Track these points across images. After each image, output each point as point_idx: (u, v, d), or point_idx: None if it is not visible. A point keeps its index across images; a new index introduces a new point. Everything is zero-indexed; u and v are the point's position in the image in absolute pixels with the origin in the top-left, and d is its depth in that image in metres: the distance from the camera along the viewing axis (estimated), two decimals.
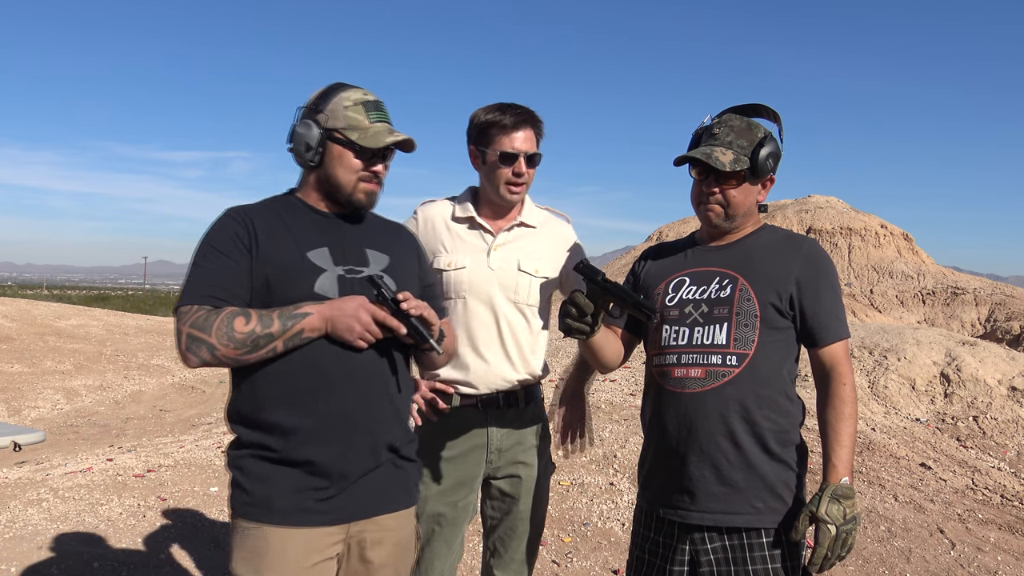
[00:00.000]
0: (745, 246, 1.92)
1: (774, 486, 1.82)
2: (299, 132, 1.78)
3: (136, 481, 4.79)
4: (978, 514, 4.77)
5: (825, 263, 1.89)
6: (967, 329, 16.20)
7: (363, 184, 1.81)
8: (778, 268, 1.86)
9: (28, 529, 3.95)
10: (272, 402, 1.70)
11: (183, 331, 1.65)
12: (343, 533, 1.75)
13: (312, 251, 1.76)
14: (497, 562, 2.32)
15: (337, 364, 1.72)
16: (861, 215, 20.55)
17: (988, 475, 5.57)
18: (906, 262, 19.31)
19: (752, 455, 1.81)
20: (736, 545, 1.81)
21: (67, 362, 11.67)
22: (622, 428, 5.69)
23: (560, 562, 3.90)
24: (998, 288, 17.85)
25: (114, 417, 9.29)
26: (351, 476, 1.74)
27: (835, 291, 1.89)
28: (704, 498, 1.82)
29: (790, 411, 1.87)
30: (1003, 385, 7.20)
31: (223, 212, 1.80)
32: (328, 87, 1.82)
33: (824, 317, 1.85)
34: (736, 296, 1.84)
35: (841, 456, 1.77)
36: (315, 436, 1.71)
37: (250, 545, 1.69)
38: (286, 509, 1.69)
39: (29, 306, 16.03)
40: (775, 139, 1.89)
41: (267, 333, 1.64)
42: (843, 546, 1.73)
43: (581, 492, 4.70)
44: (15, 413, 9.35)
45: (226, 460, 1.78)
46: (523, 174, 2.17)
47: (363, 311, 1.70)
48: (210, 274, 1.70)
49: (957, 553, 4.16)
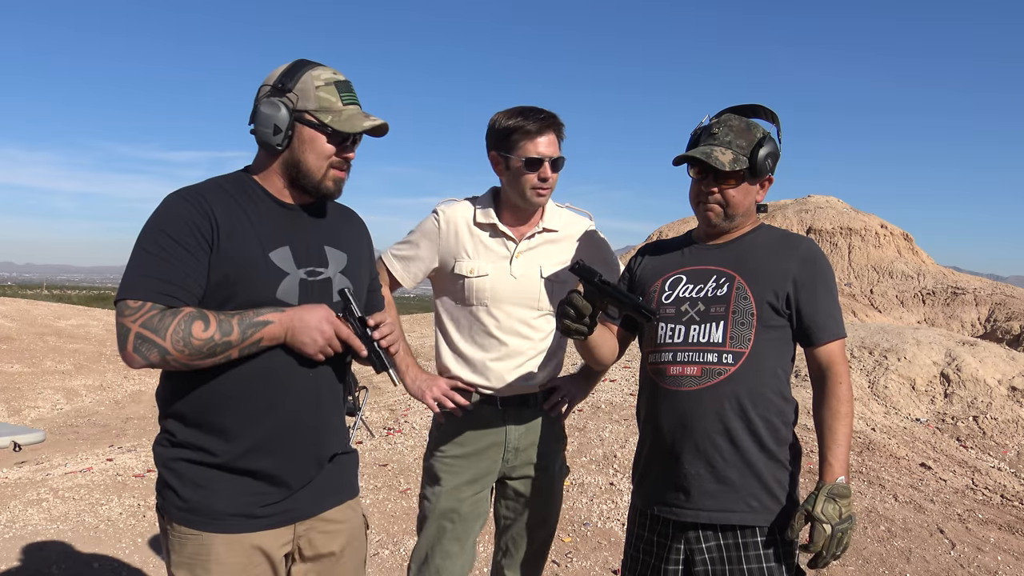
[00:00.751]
0: (743, 245, 1.93)
1: (769, 484, 1.83)
2: (265, 112, 1.61)
3: (136, 481, 4.79)
4: (978, 514, 4.77)
5: (822, 263, 1.90)
6: (967, 329, 16.19)
7: (333, 171, 1.68)
8: (775, 267, 1.87)
9: (28, 529, 3.95)
10: (219, 406, 1.60)
11: (131, 329, 1.49)
12: (290, 534, 1.69)
13: (274, 251, 1.64)
14: (508, 562, 2.33)
15: (291, 373, 1.63)
16: (861, 215, 20.54)
17: (988, 475, 5.57)
18: (906, 262, 19.31)
19: (748, 453, 1.82)
20: (731, 544, 1.82)
21: (67, 362, 11.66)
22: (622, 428, 5.69)
23: (560, 562, 3.90)
24: (998, 288, 17.85)
25: (114, 417, 9.28)
26: (294, 486, 1.67)
27: (832, 291, 1.90)
28: (699, 496, 1.83)
29: (785, 410, 1.88)
30: (1003, 385, 7.20)
31: (174, 192, 1.62)
32: (293, 63, 1.66)
33: (821, 317, 1.86)
34: (733, 294, 1.85)
35: (837, 455, 1.78)
36: (262, 445, 1.62)
37: (190, 552, 1.60)
38: (227, 516, 1.60)
39: (29, 306, 16.02)
40: (774, 139, 1.90)
41: (225, 341, 1.53)
42: (839, 545, 1.73)
43: (581, 492, 4.70)
44: (15, 413, 9.35)
45: (155, 457, 1.66)
46: (548, 179, 2.15)
47: (326, 324, 1.61)
48: (163, 266, 1.53)
49: (957, 553, 4.16)
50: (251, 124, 1.66)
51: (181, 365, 1.54)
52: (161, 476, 1.65)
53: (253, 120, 1.66)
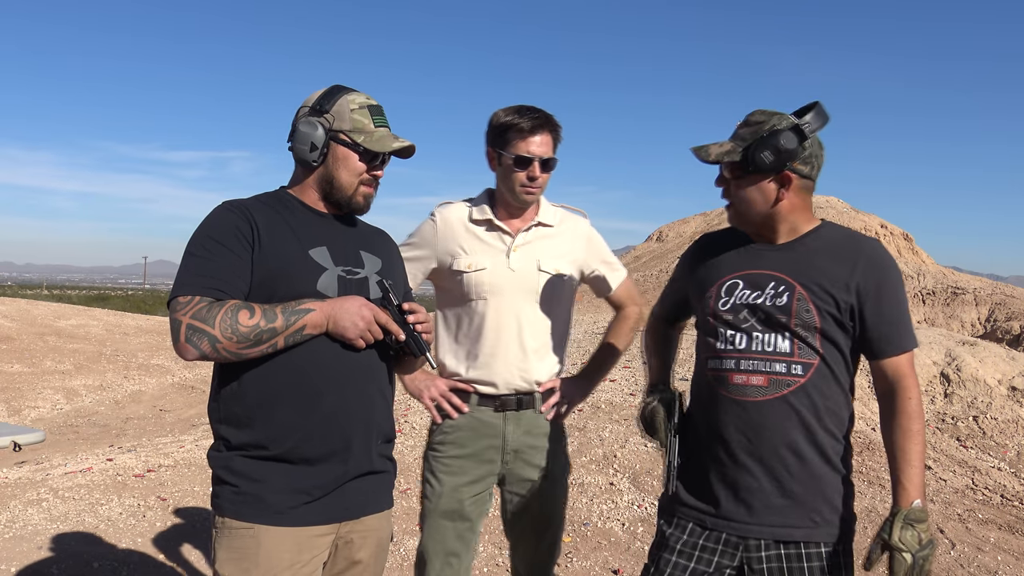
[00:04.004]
0: (801, 248, 1.80)
1: (831, 498, 1.76)
2: (303, 131, 1.76)
3: (136, 481, 4.79)
4: (978, 514, 4.77)
5: (887, 267, 1.76)
6: (967, 329, 16.19)
7: (363, 188, 1.81)
8: (836, 275, 1.74)
9: (28, 529, 3.95)
10: (268, 401, 1.68)
11: (183, 321, 1.59)
12: (333, 533, 1.75)
13: (313, 249, 1.75)
14: (520, 560, 2.37)
15: (336, 362, 1.71)
16: (861, 215, 20.55)
17: (988, 475, 5.57)
18: (906, 262, 19.31)
19: (813, 466, 1.75)
20: (792, 554, 1.74)
21: (67, 362, 11.67)
22: (622, 428, 5.69)
23: (560, 562, 3.89)
24: (998, 288, 17.84)
25: (114, 417, 9.28)
26: (348, 475, 1.74)
27: (898, 298, 1.76)
28: (763, 510, 1.75)
29: (847, 421, 1.81)
30: (1003, 385, 7.20)
31: (219, 205, 1.76)
32: (330, 88, 1.81)
33: (886, 327, 1.74)
34: (794, 305, 1.74)
35: (911, 477, 1.69)
36: (314, 434, 1.69)
37: (238, 545, 1.66)
38: (280, 508, 1.67)
39: (29, 306, 16.03)
40: (791, 134, 1.71)
41: (270, 328, 1.61)
42: (920, 573, 1.64)
43: (581, 492, 4.70)
44: (15, 413, 9.35)
45: (210, 462, 1.74)
46: (537, 178, 2.18)
47: (366, 309, 1.70)
48: (210, 265, 1.65)
49: (957, 553, 4.16)
50: (289, 142, 1.80)
51: (230, 354, 1.61)
52: (216, 475, 1.72)
53: (291, 138, 1.79)
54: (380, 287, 1.78)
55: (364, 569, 1.81)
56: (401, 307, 1.75)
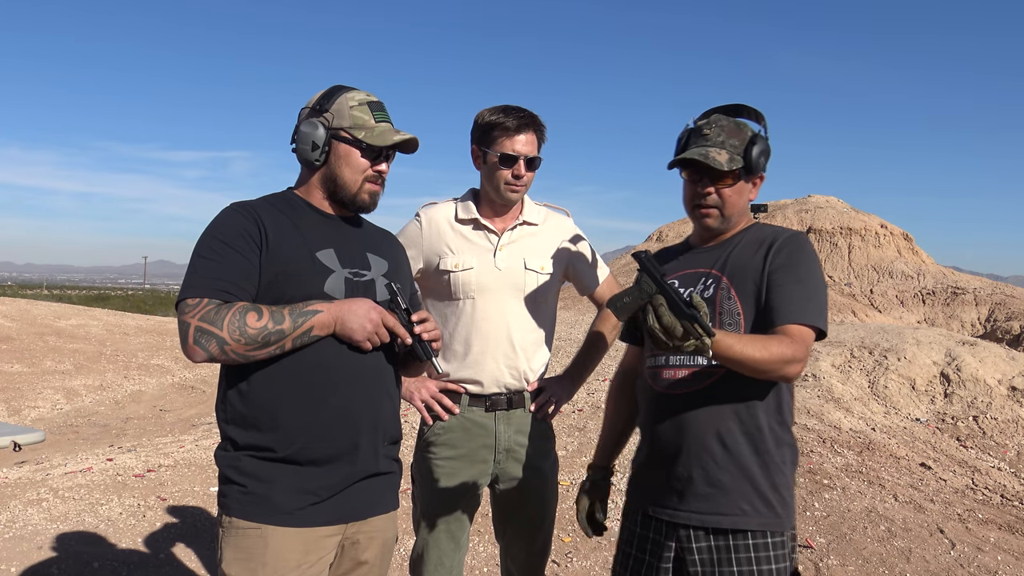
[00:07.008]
0: (731, 244, 1.90)
1: (761, 488, 1.80)
2: (304, 131, 1.76)
3: (136, 481, 4.79)
4: (978, 514, 4.77)
5: (794, 250, 1.80)
6: (967, 329, 16.21)
7: (368, 184, 1.80)
8: (754, 262, 1.82)
9: (28, 529, 3.96)
10: (275, 402, 1.68)
11: (191, 323, 1.59)
12: (340, 534, 1.75)
13: (320, 251, 1.75)
14: (511, 560, 2.37)
15: (343, 364, 1.71)
16: (861, 215, 20.57)
17: (988, 475, 5.57)
18: (906, 262, 19.33)
19: (741, 456, 1.79)
20: (721, 545, 1.80)
21: (67, 362, 11.67)
22: None
23: (560, 562, 3.90)
24: (998, 288, 17.86)
25: (114, 417, 9.29)
26: (355, 476, 1.74)
27: (802, 279, 1.77)
28: (691, 498, 1.82)
29: (780, 410, 1.84)
30: (1003, 385, 7.20)
31: (228, 206, 1.75)
32: (331, 88, 1.81)
33: (779, 300, 1.75)
34: (718, 295, 1.82)
35: (731, 336, 1.60)
36: (322, 436, 1.70)
37: (246, 545, 1.66)
38: (287, 508, 1.67)
39: (29, 306, 16.03)
40: (763, 137, 1.87)
41: (278, 330, 1.62)
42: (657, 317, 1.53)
43: None
44: (15, 413, 9.35)
45: (217, 461, 1.74)
46: (522, 176, 2.20)
47: (374, 312, 1.71)
48: (218, 267, 1.65)
49: (957, 553, 4.16)
50: (292, 143, 1.80)
51: (238, 356, 1.62)
52: (223, 475, 1.72)
53: (294, 139, 1.79)
54: (388, 289, 1.79)
55: (370, 570, 1.81)
56: (408, 311, 1.76)
